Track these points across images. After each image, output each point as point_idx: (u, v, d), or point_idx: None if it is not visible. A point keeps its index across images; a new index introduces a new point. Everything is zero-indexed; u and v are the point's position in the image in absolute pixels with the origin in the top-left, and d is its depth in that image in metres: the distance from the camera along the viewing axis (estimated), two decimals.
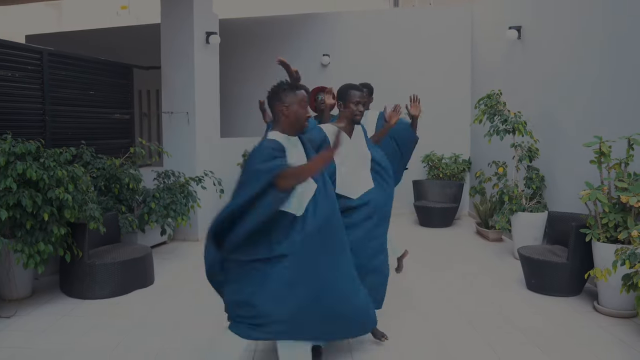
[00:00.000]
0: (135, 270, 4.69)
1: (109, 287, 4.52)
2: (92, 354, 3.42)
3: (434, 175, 8.38)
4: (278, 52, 9.51)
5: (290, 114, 2.74)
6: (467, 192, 8.47)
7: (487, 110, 6.00)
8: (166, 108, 6.73)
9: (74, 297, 4.50)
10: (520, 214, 5.63)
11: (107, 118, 6.36)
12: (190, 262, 5.74)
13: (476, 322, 3.96)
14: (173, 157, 6.55)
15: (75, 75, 5.85)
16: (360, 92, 3.47)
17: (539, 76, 6.07)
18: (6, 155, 3.92)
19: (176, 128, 6.69)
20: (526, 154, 5.80)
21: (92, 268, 4.46)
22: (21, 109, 5.13)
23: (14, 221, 4.03)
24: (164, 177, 6.02)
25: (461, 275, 5.18)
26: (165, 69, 6.77)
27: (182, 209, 5.74)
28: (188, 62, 6.64)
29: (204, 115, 6.84)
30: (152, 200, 5.52)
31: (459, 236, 7.17)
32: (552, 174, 5.74)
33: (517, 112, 5.90)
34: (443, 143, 8.66)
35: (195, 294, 4.62)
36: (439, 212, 7.66)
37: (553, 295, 4.50)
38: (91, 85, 6.09)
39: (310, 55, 9.17)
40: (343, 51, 9.06)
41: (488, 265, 5.59)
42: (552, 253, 4.71)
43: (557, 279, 4.48)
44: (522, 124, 5.72)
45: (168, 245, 6.48)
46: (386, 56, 8.89)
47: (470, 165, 8.56)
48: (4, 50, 4.96)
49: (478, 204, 7.12)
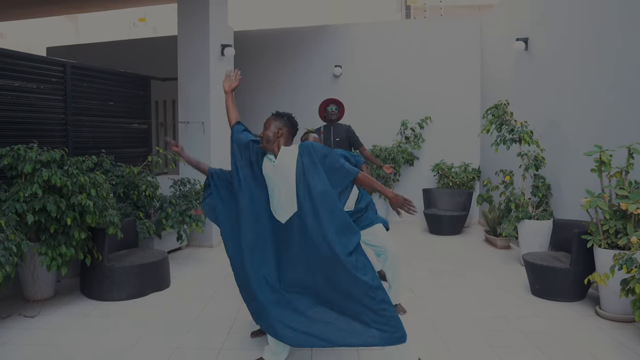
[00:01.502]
0: (152, 274, 4.89)
1: (126, 289, 4.71)
2: (112, 352, 3.61)
3: (443, 184, 8.52)
4: (290, 64, 9.78)
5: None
6: (476, 200, 8.58)
7: (494, 120, 6.14)
8: (182, 118, 6.96)
9: (94, 298, 4.70)
10: (526, 221, 5.74)
11: (126, 128, 6.61)
12: (205, 267, 5.93)
13: (480, 324, 4.09)
14: (189, 166, 6.74)
15: (96, 86, 6.10)
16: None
17: (545, 87, 6.20)
18: (33, 163, 4.15)
19: (192, 137, 6.91)
20: (532, 162, 5.93)
21: (112, 271, 4.67)
22: (45, 119, 5.38)
23: (39, 225, 4.26)
24: (180, 185, 6.24)
25: (467, 281, 5.31)
26: (181, 80, 7.00)
27: (197, 216, 5.94)
28: (204, 73, 6.86)
29: (219, 125, 7.05)
30: (168, 206, 5.73)
31: (468, 244, 7.29)
32: (558, 183, 5.85)
33: (523, 122, 6.03)
34: (453, 152, 8.80)
35: (209, 298, 4.81)
36: (448, 220, 7.79)
37: (556, 300, 4.61)
38: (111, 96, 6.34)
39: (322, 67, 9.39)
40: (354, 62, 9.25)
41: (494, 271, 5.71)
42: (555, 259, 4.83)
43: (560, 284, 4.59)
44: (528, 134, 5.85)
45: (183, 251, 6.68)
46: (397, 67, 9.07)
47: (479, 174, 8.67)
48: (30, 64, 5.22)
49: (486, 212, 7.24)
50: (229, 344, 3.74)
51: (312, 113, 7.57)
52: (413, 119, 8.91)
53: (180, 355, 3.56)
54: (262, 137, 3.13)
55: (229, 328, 4.05)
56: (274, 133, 3.11)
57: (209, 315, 4.35)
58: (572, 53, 5.55)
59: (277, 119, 3.16)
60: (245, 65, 9.37)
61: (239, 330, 4.01)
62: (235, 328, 4.05)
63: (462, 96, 8.91)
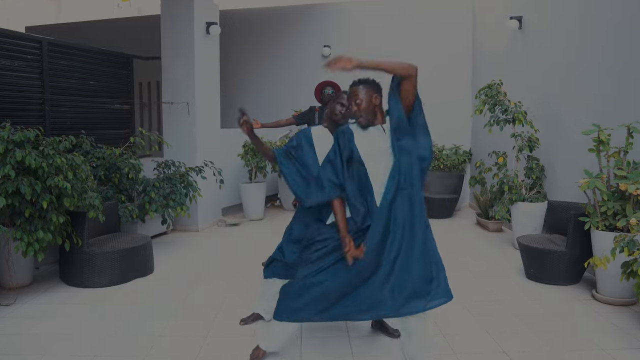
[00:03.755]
0: (134, 259, 4.71)
1: (108, 275, 4.53)
2: (91, 340, 3.43)
3: (434, 167, 8.37)
4: (278, 44, 9.54)
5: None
6: (467, 183, 8.47)
7: (487, 100, 5.99)
8: (166, 98, 6.73)
9: (74, 285, 4.51)
10: (520, 203, 5.62)
11: (107, 108, 6.37)
12: (191, 251, 5.76)
13: (474, 309, 3.96)
14: (173, 147, 6.56)
15: (76, 65, 5.85)
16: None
17: (539, 66, 6.05)
18: (5, 143, 3.92)
19: (176, 118, 6.69)
20: (526, 143, 5.79)
21: (92, 256, 4.47)
22: (21, 98, 5.14)
23: (12, 209, 4.04)
24: (164, 167, 6.03)
25: (460, 265, 5.19)
26: (165, 59, 6.76)
27: (182, 199, 5.75)
28: (188, 53, 6.63)
29: (204, 106, 6.84)
30: (152, 189, 5.53)
31: (459, 227, 7.17)
32: (552, 164, 5.73)
33: (517, 102, 5.88)
34: (443, 134, 8.63)
35: (194, 283, 4.64)
36: (439, 203, 7.66)
37: (552, 283, 4.51)
38: (91, 75, 6.10)
39: (311, 47, 9.16)
40: (344, 42, 9.03)
41: (487, 255, 5.60)
42: (551, 242, 4.71)
43: (555, 267, 4.48)
44: (522, 114, 5.71)
45: (168, 236, 6.49)
46: (387, 46, 8.85)
47: (471, 156, 8.54)
48: (4, 39, 4.97)
49: (478, 195, 7.11)
50: (215, 332, 3.58)
51: (300, 95, 7.42)
52: None
53: (164, 344, 3.39)
54: (357, 112, 2.78)
55: (214, 314, 3.89)
56: (371, 102, 2.79)
57: (194, 302, 4.19)
58: (566, 31, 5.39)
59: (367, 85, 2.81)
60: (232, 45, 9.12)
61: (226, 316, 3.85)
62: (222, 314, 3.89)
63: (453, 76, 8.74)
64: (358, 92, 2.81)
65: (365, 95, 2.79)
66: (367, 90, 2.81)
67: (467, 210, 8.50)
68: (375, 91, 2.83)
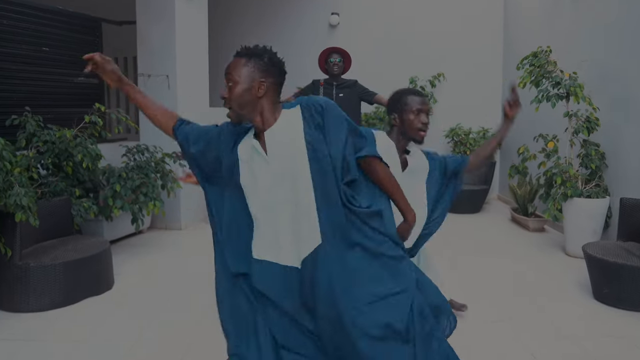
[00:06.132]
0: (85, 273, 3.63)
1: (48, 296, 3.45)
2: None
3: (459, 152, 7.22)
4: (279, 13, 8.36)
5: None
6: (497, 172, 7.34)
7: (533, 70, 4.83)
8: (142, 70, 5.61)
9: (3, 309, 3.44)
10: (576, 199, 4.50)
11: (69, 82, 5.26)
12: (167, 257, 4.70)
13: (525, 336, 2.87)
14: (149, 129, 5.45)
15: (25, 26, 4.74)
16: (421, 98, 2.43)
17: (598, 28, 4.88)
18: None
19: (154, 94, 5.50)
20: (584, 125, 4.64)
21: (25, 271, 3.40)
22: None
23: None
24: (135, 153, 4.93)
25: (499, 276, 4.10)
26: (141, 24, 5.63)
27: (156, 193, 4.66)
28: (168, 16, 5.50)
29: (188, 80, 5.72)
30: (117, 181, 4.44)
31: (491, 224, 6.05)
32: (616, 150, 4.59)
33: (572, 73, 4.72)
34: (470, 115, 7.48)
35: (163, 302, 3.57)
36: (466, 195, 6.50)
37: (634, 310, 3.39)
38: (47, 41, 4.98)
39: (317, 15, 7.96)
40: (354, 9, 7.83)
41: (533, 263, 4.50)
42: (629, 253, 3.57)
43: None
44: (580, 87, 4.55)
45: (144, 235, 5.42)
46: (404, 15, 7.66)
47: None
48: None
49: (515, 187, 5.97)
50: None
51: (304, 69, 6.24)
52: (423, 76, 7.53)
53: None
54: (227, 98, 1.79)
55: (183, 351, 2.82)
56: (250, 87, 1.77)
57: (159, 331, 3.12)
58: None
59: (251, 60, 1.78)
60: (230, 15, 7.97)
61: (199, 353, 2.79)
62: (194, 350, 2.82)
63: (480, 46, 7.54)
64: (236, 66, 1.79)
65: (246, 74, 1.77)
66: (250, 68, 1.77)
67: (496, 203, 7.36)
68: (264, 72, 1.79)
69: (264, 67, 1.78)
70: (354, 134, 1.80)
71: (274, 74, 1.80)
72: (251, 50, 1.80)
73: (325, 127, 1.74)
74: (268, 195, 1.77)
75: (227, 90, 1.79)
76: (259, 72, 1.76)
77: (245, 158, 1.82)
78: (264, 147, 1.78)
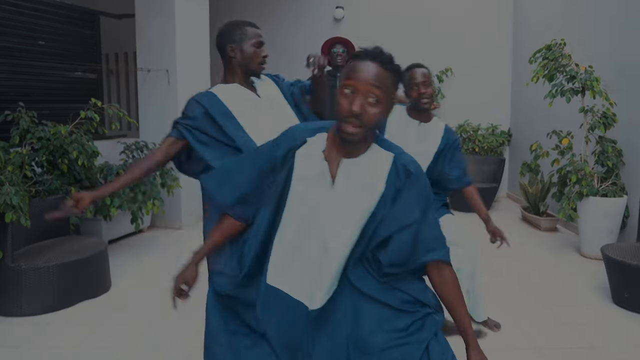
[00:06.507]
0: (80, 275, 3.48)
1: (41, 299, 3.30)
2: None
3: (468, 150, 7.04)
4: (283, 7, 8.19)
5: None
6: (507, 169, 7.16)
7: (547, 64, 4.64)
8: (142, 65, 5.46)
9: None
10: (592, 198, 4.31)
11: (66, 76, 5.10)
12: (167, 257, 4.53)
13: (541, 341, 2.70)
14: (149, 125, 5.32)
15: (20, 19, 4.59)
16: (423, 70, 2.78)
17: (616, 19, 4.69)
18: None
19: (153, 90, 5.42)
20: (600, 121, 4.46)
21: (17, 274, 3.25)
22: None
23: None
24: (134, 150, 4.77)
25: (511, 279, 3.93)
26: (140, 17, 5.46)
27: (155, 191, 4.51)
28: (168, 10, 5.33)
29: (189, 75, 5.55)
30: None
31: (502, 224, 5.65)
32: (634, 148, 4.41)
33: (587, 66, 4.54)
34: (479, 110, 7.30)
35: (162, 305, 3.41)
36: None
37: None
38: (42, 34, 4.82)
39: (321, 9, 7.78)
40: (359, 3, 7.65)
41: (546, 264, 4.33)
42: None
43: None
44: (597, 80, 4.36)
45: (144, 235, 5.26)
46: (410, 9, 7.47)
47: (510, 137, 7.21)
48: None
49: (526, 185, 5.78)
50: None
51: None
52: (430, 71, 7.34)
53: None
54: (360, 115, 1.37)
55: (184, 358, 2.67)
56: (391, 107, 1.48)
57: (158, 336, 2.96)
58: None
59: (387, 71, 1.42)
60: (231, 9, 7.79)
61: None
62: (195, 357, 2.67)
63: (490, 43, 7.35)
64: (383, 77, 1.42)
65: (391, 90, 1.45)
66: (390, 81, 1.43)
67: (505, 201, 7.18)
68: (395, 88, 1.47)
69: (396, 81, 1.44)
70: (428, 225, 1.49)
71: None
72: (385, 57, 1.42)
73: (398, 200, 1.46)
74: (310, 226, 1.50)
75: (363, 105, 1.37)
76: (393, 87, 1.44)
77: (303, 174, 1.51)
78: (332, 171, 1.48)
